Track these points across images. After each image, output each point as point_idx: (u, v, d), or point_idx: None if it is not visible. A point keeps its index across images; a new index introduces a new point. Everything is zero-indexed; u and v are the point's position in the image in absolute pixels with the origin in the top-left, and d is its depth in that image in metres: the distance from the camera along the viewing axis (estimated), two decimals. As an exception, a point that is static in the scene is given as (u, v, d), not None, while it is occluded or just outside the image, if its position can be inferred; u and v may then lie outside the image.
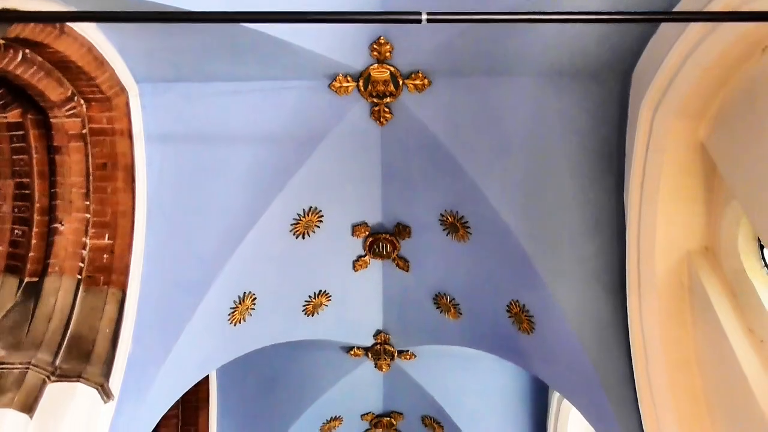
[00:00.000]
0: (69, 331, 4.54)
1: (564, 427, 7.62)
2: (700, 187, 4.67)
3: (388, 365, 7.61)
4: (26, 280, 4.69)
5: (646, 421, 4.84)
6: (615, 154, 5.14)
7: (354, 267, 6.66)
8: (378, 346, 7.41)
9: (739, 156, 4.01)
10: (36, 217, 4.71)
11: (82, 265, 4.78)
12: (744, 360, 4.11)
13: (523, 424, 8.02)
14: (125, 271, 4.89)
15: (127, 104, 4.83)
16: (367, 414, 8.58)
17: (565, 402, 7.42)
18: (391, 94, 5.12)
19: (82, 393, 4.41)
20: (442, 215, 5.97)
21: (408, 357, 7.57)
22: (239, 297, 5.81)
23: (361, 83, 5.03)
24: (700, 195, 4.69)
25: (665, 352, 4.77)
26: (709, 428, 4.57)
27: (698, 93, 4.27)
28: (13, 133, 4.65)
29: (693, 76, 4.18)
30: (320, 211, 5.97)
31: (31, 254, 4.70)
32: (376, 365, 7.61)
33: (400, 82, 5.03)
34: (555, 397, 7.64)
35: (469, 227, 5.86)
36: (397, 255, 6.58)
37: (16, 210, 4.76)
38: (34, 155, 4.64)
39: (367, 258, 6.62)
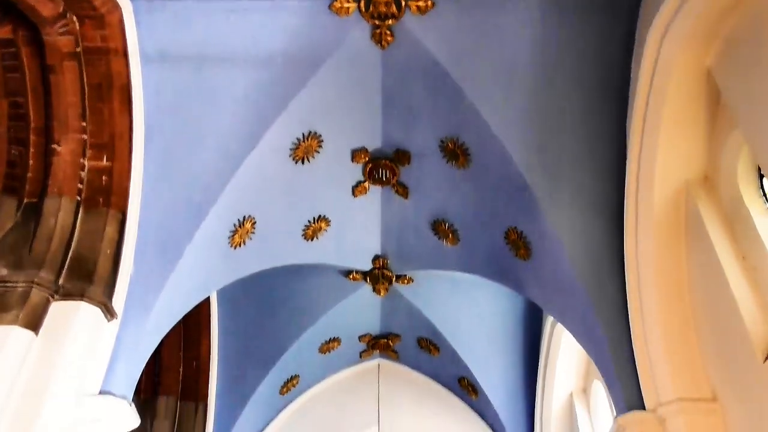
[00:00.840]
0: (70, 252, 4.59)
1: (556, 350, 7.84)
2: (703, 116, 4.62)
3: (386, 289, 7.74)
4: (25, 200, 4.71)
5: (637, 345, 4.97)
6: (618, 82, 5.05)
7: (353, 193, 6.67)
8: (376, 271, 7.52)
9: (745, 83, 3.94)
10: (32, 137, 4.68)
11: (81, 186, 4.78)
12: (735, 285, 4.18)
13: (517, 347, 8.24)
14: (124, 194, 4.89)
15: (121, 22, 4.69)
16: (364, 335, 8.80)
17: (558, 326, 7.61)
18: (393, 16, 4.98)
19: (85, 312, 4.50)
20: (442, 141, 5.93)
21: (405, 281, 7.69)
22: (239, 220, 5.84)
23: (362, 4, 4.89)
24: (703, 123, 4.65)
25: (658, 279, 4.85)
26: (697, 354, 4.71)
27: (707, 18, 4.15)
28: (5, 50, 4.54)
29: (702, 0, 4.05)
30: (320, 135, 5.92)
31: (29, 175, 4.69)
32: (374, 289, 7.74)
33: (403, 3, 4.89)
34: (549, 321, 7.82)
35: (469, 154, 5.83)
36: (396, 181, 6.58)
37: (11, 130, 4.72)
38: (27, 73, 4.55)
39: (366, 184, 6.62)
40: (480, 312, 8.02)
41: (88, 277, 4.58)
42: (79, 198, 4.77)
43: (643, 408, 4.81)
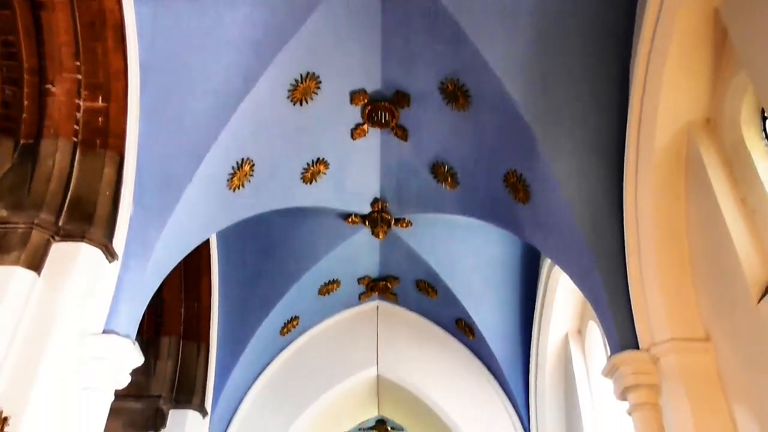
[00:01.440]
0: (69, 193, 4.60)
1: (553, 292, 7.94)
2: (708, 57, 4.54)
3: (385, 232, 7.78)
4: (22, 141, 4.67)
5: (633, 285, 5.03)
6: (623, 22, 4.95)
7: (352, 135, 6.62)
8: (375, 214, 7.54)
9: (753, 23, 3.85)
10: (26, 77, 4.60)
11: (77, 127, 4.74)
12: (733, 228, 4.20)
13: (514, 289, 8.35)
14: (122, 135, 4.85)
15: (112, -43, 4.56)
16: (363, 278, 8.89)
17: (555, 269, 7.68)
18: (393, -49, 4.83)
19: (86, 253, 4.54)
20: (442, 83, 5.85)
21: (404, 225, 7.72)
22: (237, 163, 5.82)
23: (360, -62, 4.73)
24: (708, 65, 4.57)
25: (656, 221, 4.87)
26: (692, 295, 4.77)
27: (716, -45, 4.05)
28: (-6, -14, 4.42)
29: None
30: (318, 76, 5.83)
31: (24, 116, 4.65)
32: (373, 232, 7.77)
33: (403, -62, 4.74)
34: (546, 263, 7.90)
35: (469, 96, 5.75)
36: (395, 124, 6.52)
37: (4, 70, 4.64)
38: (18, 11, 4.44)
39: (365, 126, 6.56)
40: (478, 255, 8.08)
41: (88, 218, 4.59)
42: (75, 139, 4.74)
43: (637, 348, 4.91)
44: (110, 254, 4.72)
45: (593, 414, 7.61)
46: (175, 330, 7.54)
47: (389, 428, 12.14)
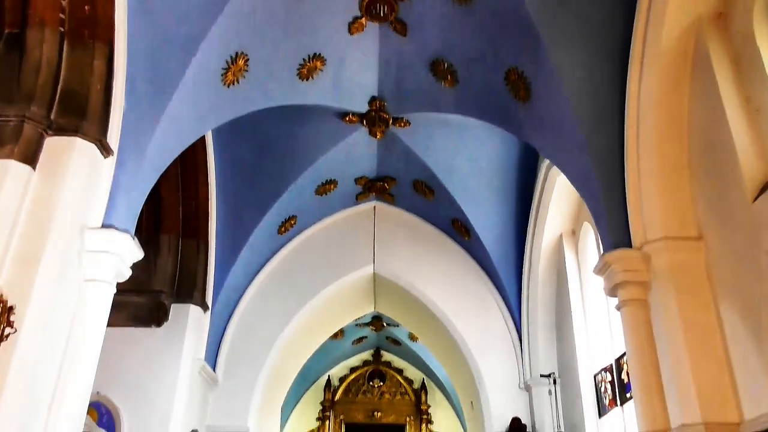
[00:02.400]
0: (59, 86, 4.49)
1: (549, 194, 7.97)
2: (724, -54, 4.33)
3: (383, 132, 7.70)
4: (6, 30, 4.50)
5: (630, 183, 5.03)
6: None
7: (349, 29, 6.40)
8: (373, 113, 7.43)
9: None
10: (6, -40, 4.37)
11: (63, 16, 4.54)
12: (735, 126, 4.16)
13: (510, 190, 8.37)
14: (110, 25, 4.66)
15: None
16: (361, 178, 8.88)
17: (553, 170, 7.68)
18: None
19: (81, 148, 4.49)
20: (444, -26, 5.60)
21: (402, 124, 7.62)
22: (231, 57, 5.65)
23: None
24: (723, -45, 4.36)
25: (658, 122, 4.81)
26: (688, 194, 4.79)
27: None
28: None
29: None
30: (313, -35, 5.57)
31: (6, 2, 4.44)
32: (370, 132, 7.69)
33: None
34: (543, 164, 7.88)
35: (471, -12, 5.52)
36: (394, 18, 6.29)
37: (-18, -47, 4.40)
38: None
39: (363, 20, 6.33)
40: (475, 155, 8.03)
41: (81, 112, 4.50)
42: (62, 29, 4.55)
43: (630, 246, 4.98)
44: (105, 150, 4.67)
45: (583, 311, 7.85)
46: (174, 228, 7.61)
47: (384, 324, 12.59)
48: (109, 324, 4.78)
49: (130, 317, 7.13)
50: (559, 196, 8.01)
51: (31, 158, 4.27)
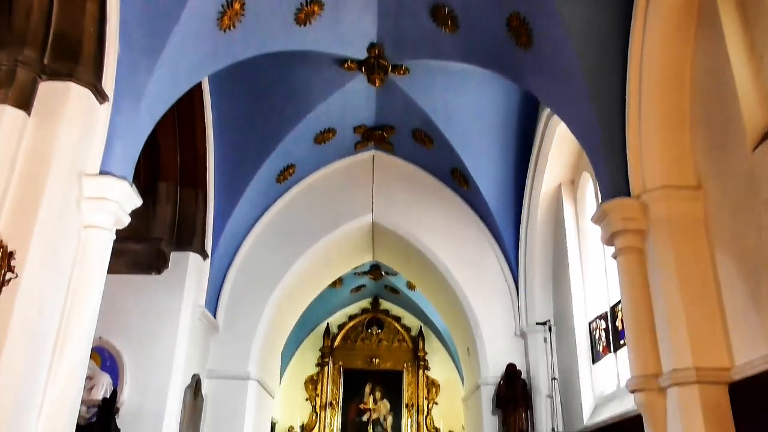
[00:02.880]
0: (52, 29, 4.40)
1: (549, 143, 7.94)
2: None
3: (382, 80, 7.59)
4: (-5, -29, 4.39)
5: (630, 132, 5.00)
6: None
7: (348, -28, 6.26)
8: (372, 60, 7.31)
9: None
10: None
11: (53, -43, 4.42)
12: (738, 74, 4.12)
13: (510, 140, 8.32)
14: (101, -36, 4.55)
15: None
16: (359, 127, 8.80)
17: (553, 119, 7.63)
18: None
19: (75, 93, 4.43)
20: None
21: (401, 72, 7.51)
22: (227, 0, 5.53)
23: None
24: None
25: (661, 69, 4.75)
26: (688, 142, 4.77)
27: None
28: None
29: None
30: None
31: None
32: (369, 79, 7.58)
33: None
34: (544, 113, 7.82)
35: (473, -72, 5.36)
36: (394, -40, 6.14)
37: None
38: None
39: (361, -38, 6.18)
40: (475, 104, 7.95)
41: (74, 56, 4.43)
42: (52, -30, 4.44)
43: (628, 195, 4.98)
44: (100, 95, 4.61)
45: (579, 260, 7.92)
46: (172, 176, 7.60)
47: (383, 273, 12.70)
48: (110, 271, 4.83)
49: (130, 264, 7.19)
50: (558, 146, 7.97)
51: (25, 103, 4.22)
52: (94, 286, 4.54)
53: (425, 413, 13.48)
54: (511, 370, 8.18)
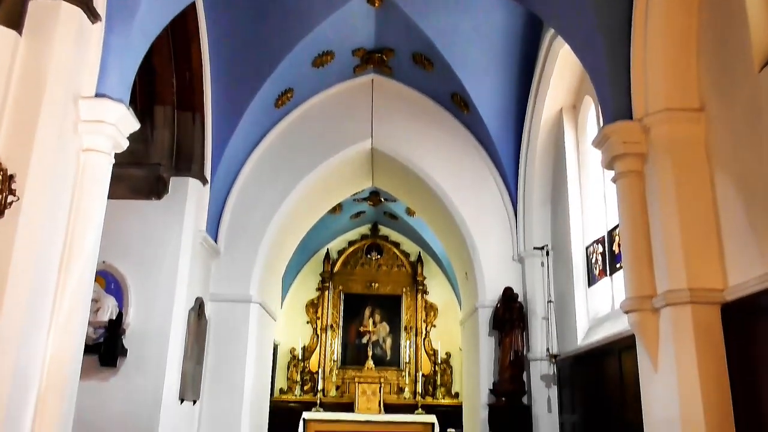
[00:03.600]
0: (38, -57, 4.23)
1: (551, 67, 7.80)
2: None
3: (381, 0, 7.37)
4: None
5: (634, 56, 4.90)
6: None
7: None
8: (371, -22, 7.10)
9: None
10: None
11: None
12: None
13: (512, 63, 8.16)
14: None
15: None
16: (358, 50, 8.60)
17: (556, 42, 7.47)
18: None
19: (66, 12, 4.33)
20: None
21: (401, -8, 7.31)
22: None
23: None
24: None
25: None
26: (693, 64, 4.69)
27: None
28: None
29: None
30: None
31: None
32: (368, 0, 7.37)
33: None
34: (547, 36, 7.65)
35: None
36: None
37: None
38: None
39: None
40: (477, 26, 7.75)
41: (62, -27, 4.29)
42: None
43: (630, 118, 4.93)
44: (92, 14, 4.50)
45: (578, 185, 7.93)
46: (169, 99, 7.49)
47: (382, 199, 12.75)
48: (110, 196, 4.85)
49: (130, 189, 7.20)
50: (561, 70, 7.84)
51: (16, 22, 4.12)
52: (96, 209, 4.57)
53: (423, 335, 13.85)
54: (508, 294, 8.34)
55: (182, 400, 7.36)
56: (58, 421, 4.12)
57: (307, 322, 13.95)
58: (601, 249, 7.26)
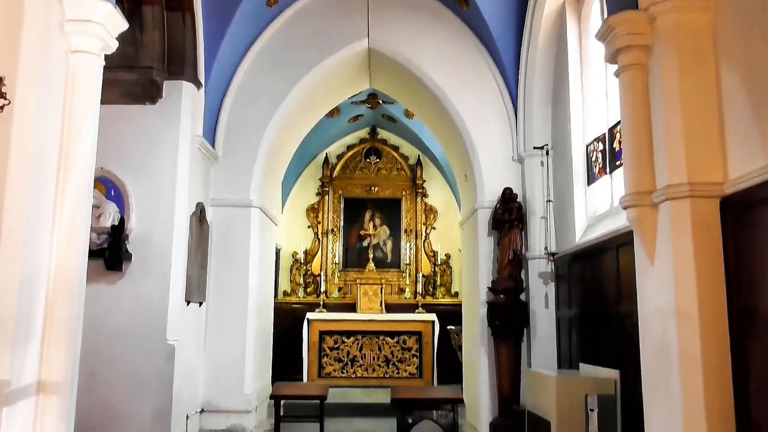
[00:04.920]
0: None
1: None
2: None
3: None
4: None
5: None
6: None
7: None
8: None
9: None
10: None
11: None
12: None
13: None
14: None
15: None
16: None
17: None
18: None
19: None
20: None
21: None
22: None
23: None
24: None
25: None
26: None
27: None
28: None
29: None
30: None
31: None
32: None
33: None
34: None
35: None
36: None
37: None
38: None
39: None
40: None
41: None
42: None
43: (636, 8, 4.75)
44: None
45: (580, 82, 7.78)
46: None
47: (380, 101, 12.55)
48: (103, 101, 4.76)
49: (122, 94, 7.07)
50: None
51: None
52: (89, 112, 4.49)
53: (423, 238, 14.04)
54: (507, 194, 8.36)
55: (188, 303, 7.56)
56: (69, 322, 4.25)
57: (308, 227, 14.10)
58: (601, 147, 7.22)
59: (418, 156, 14.21)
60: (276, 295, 12.26)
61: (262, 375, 9.26)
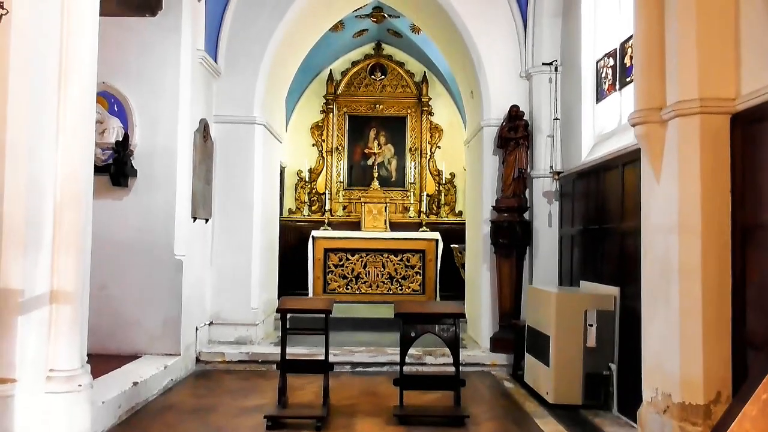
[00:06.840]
0: None
1: None
2: None
3: None
4: None
5: None
6: None
7: None
8: None
9: None
10: None
11: None
12: None
13: None
14: None
15: None
16: None
17: None
18: None
19: None
20: None
21: None
22: None
23: None
24: None
25: None
26: None
27: None
28: None
29: None
30: None
31: None
32: None
33: None
34: None
35: None
36: None
37: None
38: None
39: None
40: None
41: None
42: None
43: None
44: None
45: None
46: None
47: (385, 15, 12.19)
48: (102, 13, 4.64)
49: (121, 4, 6.86)
50: None
51: None
52: (87, 23, 4.38)
53: (428, 156, 13.99)
54: (513, 111, 8.25)
55: (195, 219, 7.64)
56: (77, 230, 4.30)
57: (313, 145, 14.03)
58: (612, 62, 7.05)
59: (424, 73, 13.95)
60: (281, 213, 12.37)
61: (268, 290, 9.46)
